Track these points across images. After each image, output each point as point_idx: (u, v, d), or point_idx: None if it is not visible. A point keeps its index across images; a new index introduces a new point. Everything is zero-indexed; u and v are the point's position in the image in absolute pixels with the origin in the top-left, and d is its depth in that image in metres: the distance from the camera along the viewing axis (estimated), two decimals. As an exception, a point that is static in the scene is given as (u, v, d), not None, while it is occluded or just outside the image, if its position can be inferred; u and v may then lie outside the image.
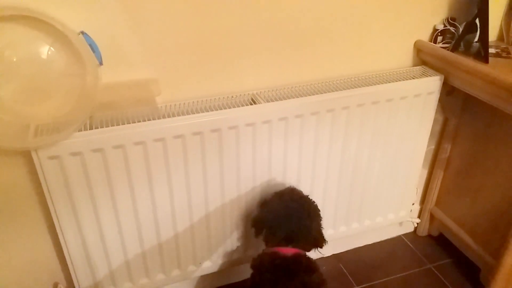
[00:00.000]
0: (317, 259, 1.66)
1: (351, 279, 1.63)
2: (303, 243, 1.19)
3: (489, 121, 1.42)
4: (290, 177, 1.36)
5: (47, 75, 0.95)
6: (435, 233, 1.79)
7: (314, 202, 1.26)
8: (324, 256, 1.71)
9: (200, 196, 1.27)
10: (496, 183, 1.43)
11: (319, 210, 1.25)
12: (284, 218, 1.18)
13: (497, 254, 1.41)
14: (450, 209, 1.66)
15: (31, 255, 1.27)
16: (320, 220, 1.25)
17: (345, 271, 1.66)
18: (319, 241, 1.23)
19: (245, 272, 1.61)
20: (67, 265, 1.23)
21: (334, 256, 1.72)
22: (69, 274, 1.25)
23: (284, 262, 1.14)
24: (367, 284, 1.61)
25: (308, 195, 1.27)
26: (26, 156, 1.12)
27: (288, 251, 1.16)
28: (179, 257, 1.35)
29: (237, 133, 1.21)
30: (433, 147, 1.66)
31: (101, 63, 1.03)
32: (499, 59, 1.33)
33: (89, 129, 1.07)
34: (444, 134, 1.60)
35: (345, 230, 1.58)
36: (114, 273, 1.29)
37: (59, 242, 1.19)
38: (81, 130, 1.06)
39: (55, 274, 1.33)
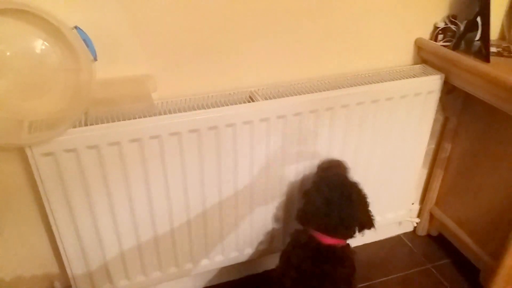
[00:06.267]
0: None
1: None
2: (344, 232, 1.19)
3: (489, 121, 1.41)
4: (288, 174, 1.35)
5: (41, 70, 0.94)
6: (434, 233, 1.78)
7: (358, 187, 1.24)
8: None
9: (196, 193, 1.26)
10: (496, 183, 1.42)
11: (365, 196, 1.24)
12: (326, 208, 1.16)
13: (497, 255, 1.40)
14: (450, 209, 1.65)
15: (26, 252, 1.26)
16: (366, 204, 1.24)
17: (344, 270, 1.65)
18: (366, 225, 1.22)
19: (244, 270, 1.60)
20: (62, 262, 1.22)
21: (333, 255, 1.71)
22: (65, 271, 1.24)
23: (318, 248, 1.17)
24: (366, 283, 1.60)
25: (353, 180, 1.26)
26: (21, 152, 1.11)
27: (326, 240, 1.17)
28: (176, 254, 1.34)
29: (234, 130, 1.20)
30: (433, 146, 1.65)
31: (95, 59, 1.02)
32: (500, 58, 1.32)
33: (84, 126, 1.06)
34: (444, 133, 1.59)
35: (343, 229, 1.57)
36: (110, 270, 1.28)
37: (55, 239, 1.18)
38: (76, 127, 1.05)
39: (50, 271, 1.32)
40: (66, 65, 0.93)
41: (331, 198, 1.17)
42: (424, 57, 1.45)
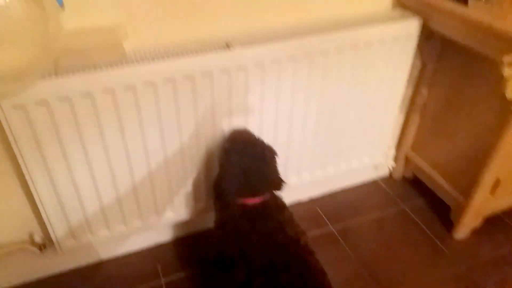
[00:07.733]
0: (293, 204, 1.71)
1: (326, 219, 1.66)
2: (267, 189, 1.22)
3: (466, 67, 1.41)
4: (267, 121, 1.35)
5: (5, 21, 0.88)
6: (409, 175, 1.83)
7: (266, 144, 1.25)
8: (301, 201, 1.74)
9: (175, 142, 1.25)
10: (471, 126, 1.45)
11: (274, 152, 1.26)
12: (245, 173, 1.18)
13: (467, 193, 1.47)
14: (425, 152, 1.69)
15: (3, 208, 1.25)
16: (275, 162, 1.26)
17: (321, 213, 1.69)
18: (278, 185, 1.25)
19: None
20: (41, 214, 1.22)
21: (311, 200, 1.75)
22: (44, 224, 1.24)
23: (255, 208, 1.18)
24: (341, 224, 1.65)
25: (259, 138, 1.28)
26: (-11, 106, 1.07)
27: (255, 200, 1.19)
28: (156, 202, 1.35)
29: (211, 80, 1.17)
30: (410, 92, 1.65)
31: (62, 7, 0.96)
32: (478, 1, 1.30)
33: (54, 77, 1.02)
34: (421, 79, 1.59)
35: (320, 173, 1.59)
36: (89, 221, 1.29)
37: (32, 193, 1.17)
38: (46, 78, 1.01)
39: (30, 224, 1.32)
40: (31, 15, 0.88)
41: (244, 165, 1.18)
42: (402, 1, 1.42)
